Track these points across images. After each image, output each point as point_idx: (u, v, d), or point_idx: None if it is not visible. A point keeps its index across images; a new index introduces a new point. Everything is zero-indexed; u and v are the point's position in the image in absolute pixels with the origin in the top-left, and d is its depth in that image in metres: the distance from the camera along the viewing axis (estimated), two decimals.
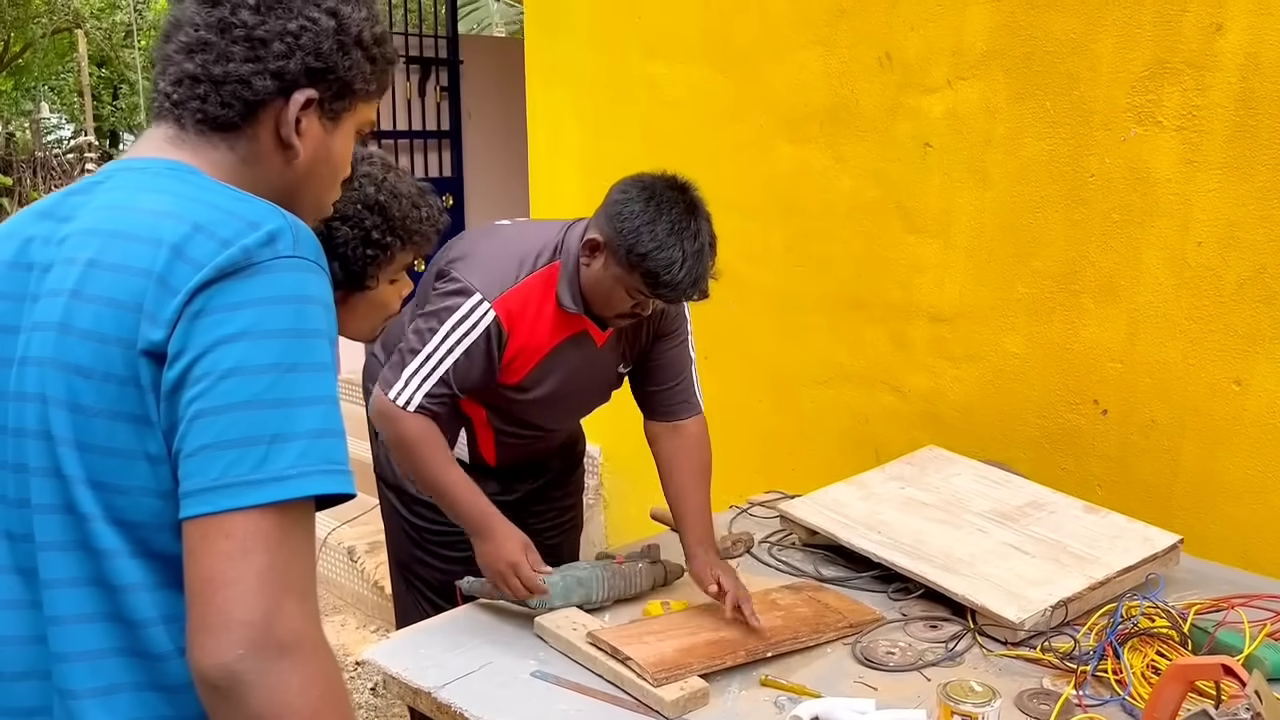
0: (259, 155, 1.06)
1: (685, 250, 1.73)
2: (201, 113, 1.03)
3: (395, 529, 2.17)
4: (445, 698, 1.53)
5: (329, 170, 1.12)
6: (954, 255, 2.56)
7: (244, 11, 1.02)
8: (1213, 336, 2.18)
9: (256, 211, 0.95)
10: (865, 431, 2.79)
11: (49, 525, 0.95)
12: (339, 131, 1.10)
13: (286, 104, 1.04)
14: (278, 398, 0.89)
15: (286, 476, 0.88)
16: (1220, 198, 2.14)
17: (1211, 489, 2.22)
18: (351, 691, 3.24)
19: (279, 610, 0.86)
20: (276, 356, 0.90)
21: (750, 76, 2.88)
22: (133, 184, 1.00)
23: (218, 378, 0.88)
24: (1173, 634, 1.58)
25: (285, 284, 0.92)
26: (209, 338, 0.89)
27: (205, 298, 0.90)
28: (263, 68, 1.02)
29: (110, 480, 0.93)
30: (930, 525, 1.97)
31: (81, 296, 0.93)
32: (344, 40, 1.06)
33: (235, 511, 0.87)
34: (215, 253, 0.91)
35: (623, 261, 1.76)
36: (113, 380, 0.92)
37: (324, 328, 0.95)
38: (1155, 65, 2.19)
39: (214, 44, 1.02)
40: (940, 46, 2.50)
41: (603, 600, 1.80)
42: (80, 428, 0.93)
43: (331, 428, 0.92)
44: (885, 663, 1.63)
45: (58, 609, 0.95)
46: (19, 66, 16.22)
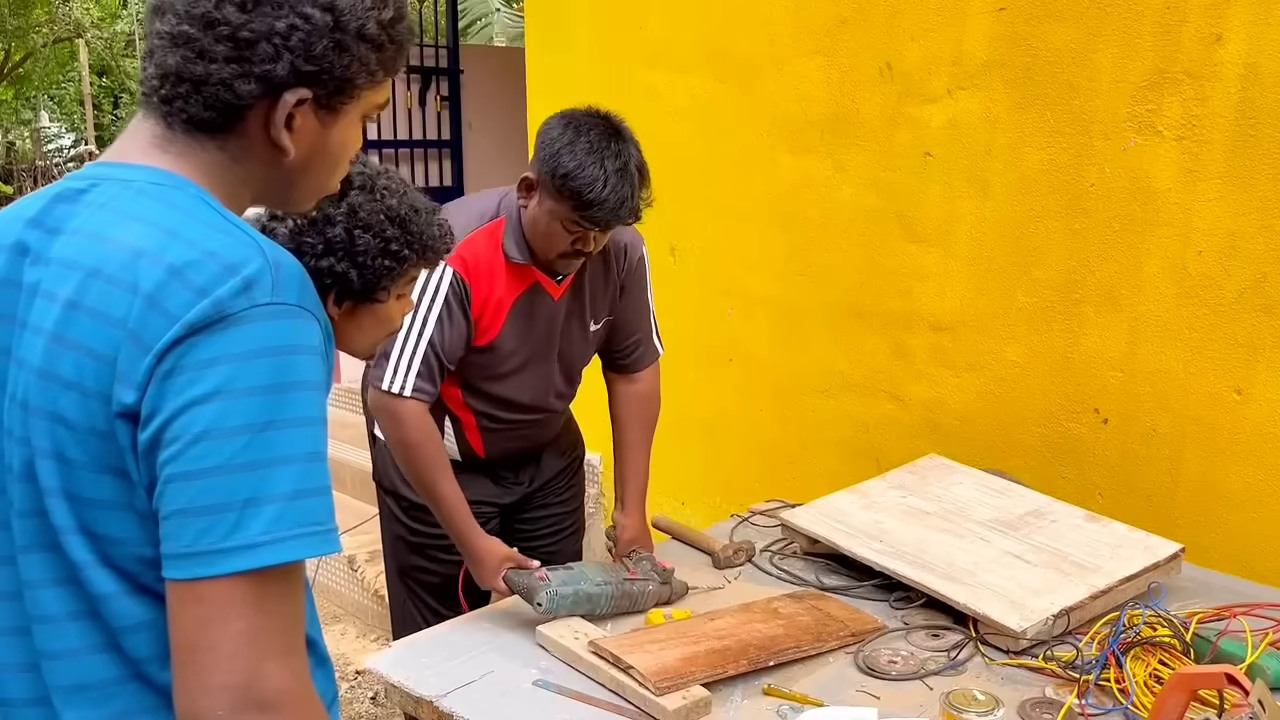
0: (250, 153, 0.99)
1: (606, 169, 1.76)
2: (186, 114, 0.96)
3: (393, 535, 2.17)
4: (447, 706, 1.53)
5: (328, 161, 1.05)
6: (955, 264, 2.56)
7: (229, 7, 0.93)
8: (1213, 345, 2.19)
9: (237, 252, 0.89)
10: (866, 440, 2.79)
11: (37, 563, 0.94)
12: (340, 122, 1.02)
13: (275, 105, 0.96)
14: (250, 460, 0.85)
15: (259, 544, 0.85)
16: (1220, 207, 2.14)
17: (1213, 498, 2.22)
18: (352, 701, 3.23)
19: (258, 673, 0.85)
20: (250, 416, 0.85)
21: (751, 86, 2.89)
22: (116, 204, 0.94)
23: (189, 442, 0.85)
24: (1175, 643, 1.58)
25: (262, 335, 0.87)
26: (180, 399, 0.85)
27: (176, 356, 0.86)
28: (246, 71, 0.94)
29: (100, 530, 0.91)
30: (932, 534, 1.97)
31: (63, 342, 0.90)
32: (342, 38, 0.96)
33: (207, 580, 0.84)
34: (189, 304, 0.86)
35: (550, 189, 1.79)
36: (95, 435, 0.89)
37: (307, 378, 0.89)
38: (1155, 75, 2.19)
39: (196, 40, 0.93)
40: (940, 57, 2.51)
41: (604, 613, 1.80)
42: (67, 478, 0.91)
43: (311, 486, 0.88)
44: (887, 671, 1.62)
45: (49, 644, 0.94)
46: (20, 76, 16.25)
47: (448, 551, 2.04)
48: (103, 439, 0.88)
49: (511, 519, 2.20)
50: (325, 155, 1.03)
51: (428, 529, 2.07)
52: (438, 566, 2.09)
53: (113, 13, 16.70)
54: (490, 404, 2.01)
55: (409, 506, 2.09)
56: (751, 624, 1.71)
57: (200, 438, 0.85)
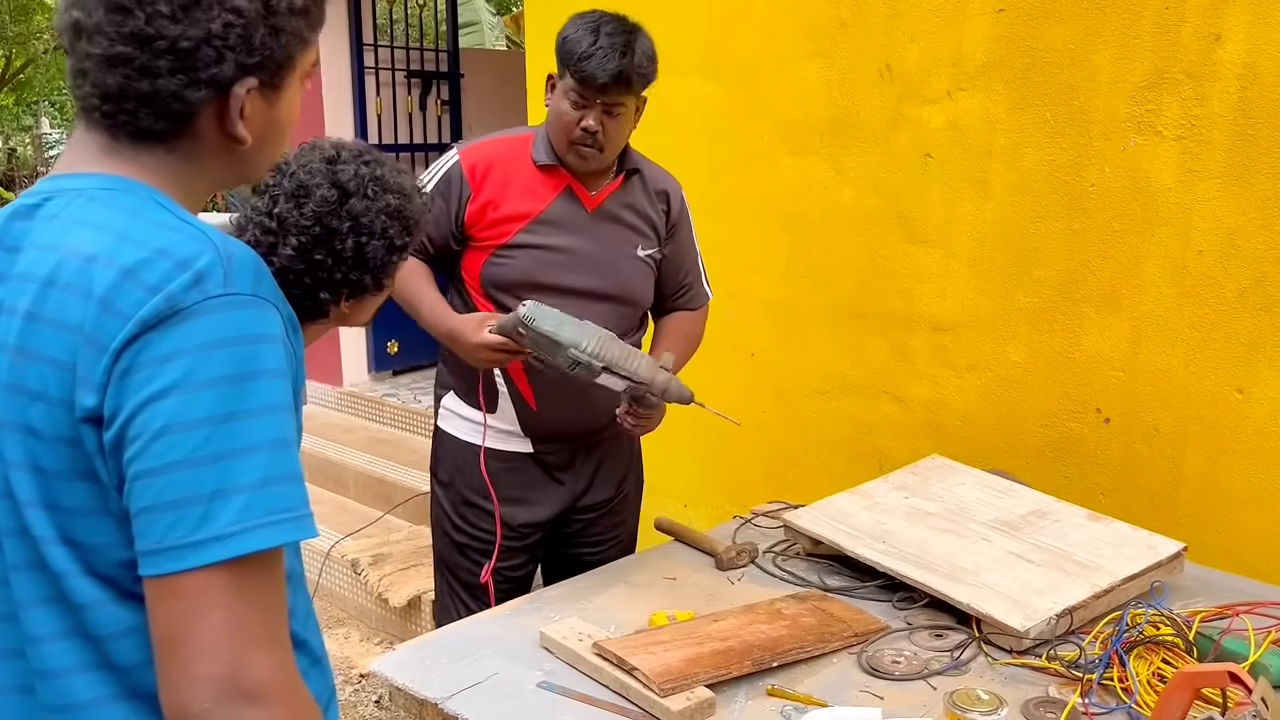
0: (202, 149, 0.98)
1: (601, 32, 1.88)
2: (133, 126, 0.94)
3: (440, 527, 2.21)
4: (452, 709, 1.53)
5: (279, 133, 1.03)
6: (955, 265, 2.56)
7: (161, 20, 0.91)
8: (1214, 345, 2.19)
9: (187, 247, 0.89)
10: (868, 441, 2.79)
11: (24, 582, 0.94)
12: (284, 96, 1.01)
13: (226, 101, 0.95)
14: (213, 452, 0.85)
15: (228, 534, 0.84)
16: (1220, 206, 2.15)
17: (1215, 497, 2.22)
18: (356, 704, 3.23)
19: (243, 662, 0.85)
20: (211, 408, 0.85)
21: (751, 89, 2.89)
22: (67, 213, 0.93)
23: (150, 438, 0.85)
24: (1178, 642, 1.58)
25: (218, 327, 0.87)
26: (140, 396, 0.85)
27: (132, 354, 0.85)
28: (193, 79, 0.92)
29: (79, 538, 0.91)
30: (934, 534, 1.97)
31: (26, 354, 0.90)
32: (275, 21, 0.95)
33: (181, 574, 0.84)
34: (141, 301, 0.86)
35: (561, 70, 1.93)
36: (64, 442, 0.89)
37: (268, 366, 0.89)
38: (1154, 75, 2.20)
39: (134, 58, 0.91)
40: (940, 58, 2.51)
41: (590, 356, 1.74)
42: (44, 489, 0.91)
43: (279, 473, 0.87)
44: (891, 672, 1.63)
45: (45, 663, 0.94)
46: (20, 82, 16.27)
47: (484, 554, 2.11)
48: (71, 446, 0.89)
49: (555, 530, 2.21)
50: (276, 128, 1.02)
51: (470, 529, 2.14)
52: (474, 567, 2.14)
53: None
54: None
55: (459, 503, 2.14)
56: (755, 625, 1.71)
57: (161, 433, 0.85)
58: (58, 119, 17.50)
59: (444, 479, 2.18)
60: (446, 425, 2.19)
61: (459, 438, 2.15)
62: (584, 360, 1.74)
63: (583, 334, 1.75)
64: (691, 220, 2.19)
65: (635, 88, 1.92)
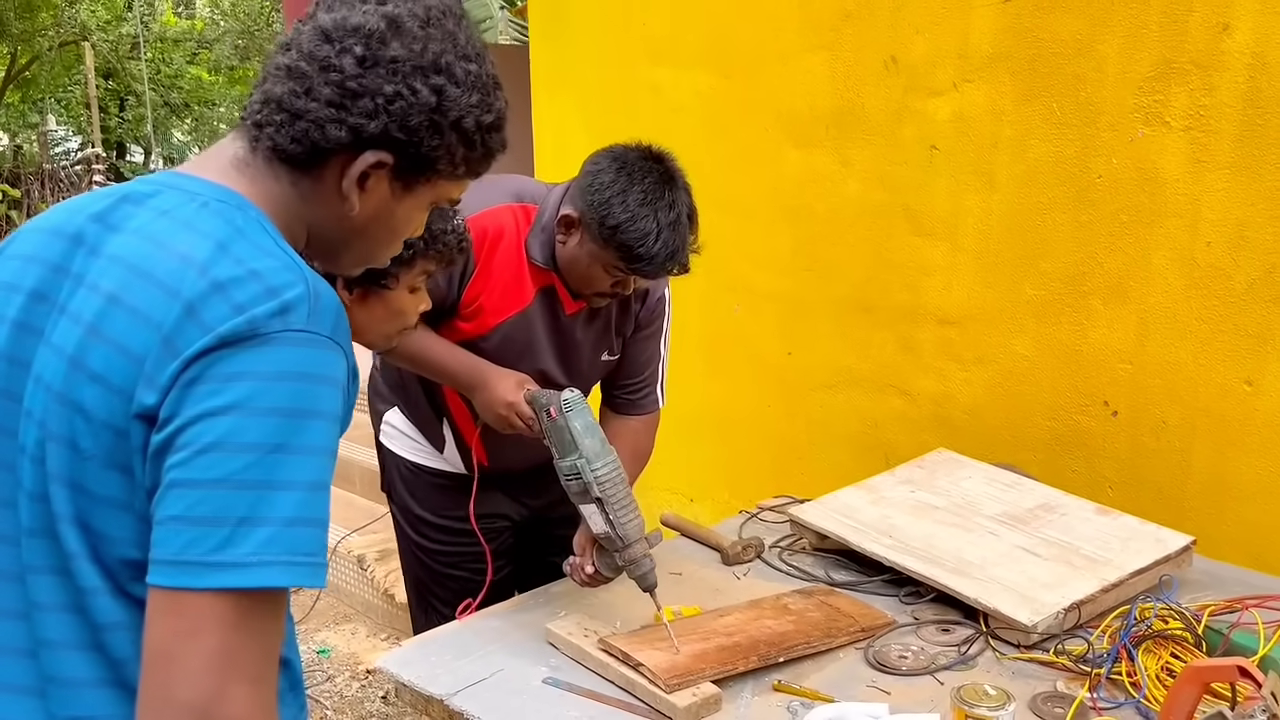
0: (318, 196, 1.02)
1: (660, 221, 1.68)
2: (272, 141, 1.00)
3: (404, 547, 2.15)
4: (457, 705, 1.53)
5: (386, 232, 1.08)
6: (962, 258, 2.55)
7: (348, 58, 0.98)
8: (1223, 337, 2.17)
9: (280, 276, 0.92)
10: (874, 435, 2.78)
11: (36, 549, 0.95)
12: (409, 199, 1.05)
13: (355, 159, 1.00)
14: (255, 479, 0.85)
15: (245, 564, 0.84)
16: (1229, 198, 2.13)
17: (1223, 490, 2.21)
18: (363, 700, 3.24)
19: (222, 694, 0.84)
20: (263, 436, 0.86)
21: (755, 81, 2.88)
22: (177, 213, 0.97)
23: (198, 450, 0.85)
24: (1187, 636, 1.57)
25: (289, 359, 0.88)
26: (199, 408, 0.86)
27: (202, 365, 0.87)
28: (341, 118, 0.98)
29: (95, 525, 0.92)
30: (941, 529, 1.96)
31: (97, 334, 0.91)
32: (439, 121, 1.00)
33: (189, 590, 0.84)
34: (225, 318, 0.88)
35: (597, 236, 1.72)
36: (109, 430, 0.90)
37: (325, 408, 0.90)
38: (1162, 66, 2.18)
39: (308, 76, 0.98)
40: (945, 49, 2.50)
41: (594, 480, 1.60)
42: (74, 468, 0.92)
43: (309, 516, 0.88)
44: (898, 667, 1.62)
45: (46, 632, 0.95)
46: (26, 79, 16.30)
47: (459, 567, 2.03)
48: (117, 435, 0.89)
49: (529, 538, 2.16)
50: (385, 225, 1.06)
51: (440, 547, 2.07)
52: (454, 584, 2.06)
53: (118, 15, 16.74)
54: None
55: (418, 522, 2.08)
56: (761, 620, 1.71)
57: (210, 448, 0.85)
58: (63, 116, 17.55)
59: (398, 500, 2.10)
60: (392, 444, 2.09)
61: (406, 457, 2.08)
62: (586, 478, 1.60)
63: (602, 455, 1.61)
64: (668, 325, 2.04)
65: (688, 265, 1.78)
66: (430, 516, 2.07)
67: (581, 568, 1.76)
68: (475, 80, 1.03)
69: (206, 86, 17.96)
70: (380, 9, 1.00)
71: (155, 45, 17.11)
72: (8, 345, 0.97)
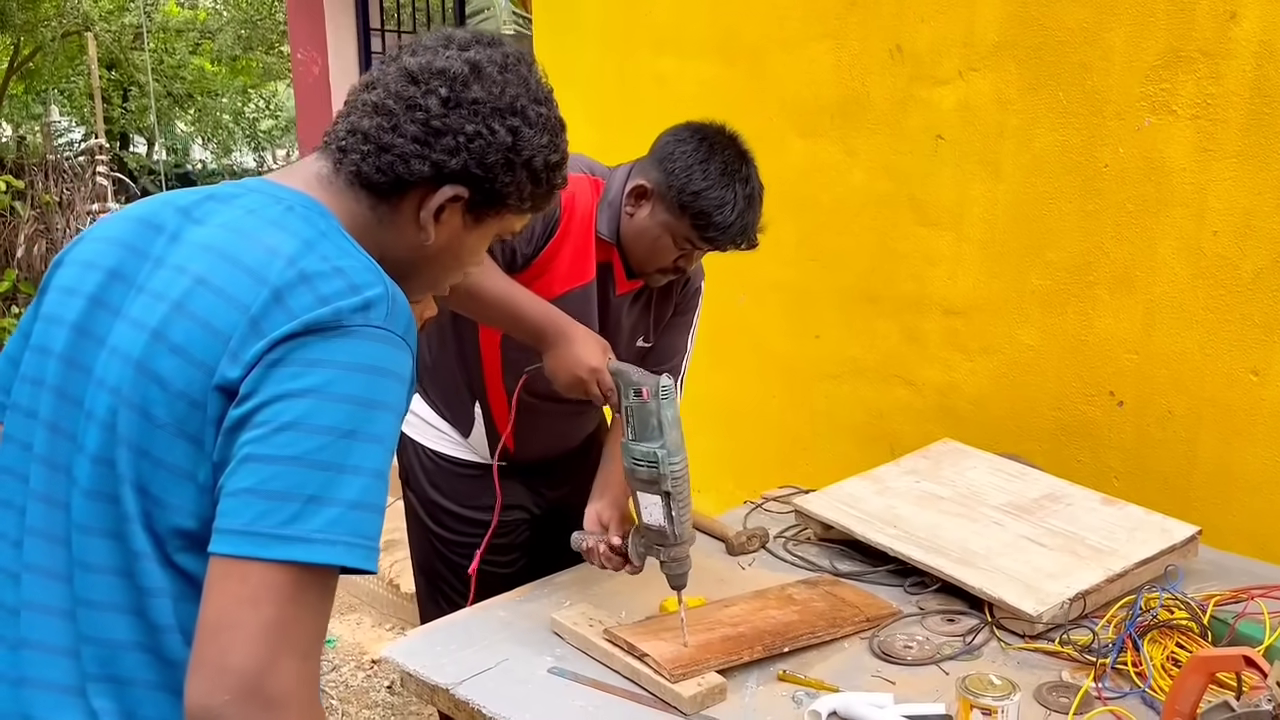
0: (394, 224, 1.09)
1: (737, 192, 1.73)
2: (356, 167, 1.07)
3: (419, 537, 2.13)
4: (462, 694, 1.53)
5: (454, 260, 1.16)
6: (967, 248, 2.55)
7: (434, 99, 1.06)
8: (1229, 326, 2.17)
9: (362, 275, 0.98)
10: (879, 426, 2.78)
11: (91, 510, 0.98)
12: (478, 230, 1.14)
13: (434, 192, 1.08)
14: (327, 460, 0.90)
15: (311, 539, 0.88)
16: (1236, 186, 2.12)
17: (1229, 480, 2.20)
18: (368, 689, 3.25)
19: (275, 665, 0.86)
20: (338, 420, 0.91)
21: (760, 71, 2.87)
22: (264, 211, 1.03)
23: (276, 427, 0.90)
24: (1192, 626, 1.57)
25: (366, 352, 0.94)
26: (280, 388, 0.91)
27: (287, 348, 0.92)
28: (425, 154, 1.06)
29: (154, 491, 0.96)
30: (946, 519, 1.96)
31: (182, 310, 0.97)
32: (513, 159, 1.09)
33: (255, 560, 0.88)
34: (311, 307, 0.94)
35: (673, 205, 1.74)
36: (185, 400, 0.95)
37: (394, 402, 0.96)
38: (1169, 54, 2.17)
39: (395, 114, 1.06)
40: (951, 38, 2.49)
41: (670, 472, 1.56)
42: (144, 434, 0.96)
43: (371, 502, 0.92)
44: (903, 657, 1.62)
45: (88, 593, 0.98)
46: (29, 70, 16.28)
47: (468, 556, 2.01)
48: (192, 406, 0.94)
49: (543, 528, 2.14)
50: (454, 255, 1.15)
51: (456, 537, 2.05)
52: (466, 573, 2.03)
53: (120, 5, 16.71)
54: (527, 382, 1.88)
55: (437, 510, 2.07)
56: (766, 610, 1.71)
57: (288, 426, 0.90)
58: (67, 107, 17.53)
59: (416, 488, 2.08)
60: (413, 433, 2.06)
61: (428, 446, 2.05)
62: (661, 470, 1.55)
63: (681, 450, 1.57)
64: (698, 319, 2.05)
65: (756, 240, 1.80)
66: (453, 506, 2.06)
67: (598, 548, 1.75)
68: (546, 122, 1.12)
69: (210, 77, 17.94)
70: (463, 54, 1.09)
71: (158, 36, 17.07)
72: (82, 319, 1.03)
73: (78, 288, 1.05)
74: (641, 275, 1.88)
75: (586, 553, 1.79)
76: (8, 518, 1.06)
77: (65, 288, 1.07)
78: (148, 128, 17.29)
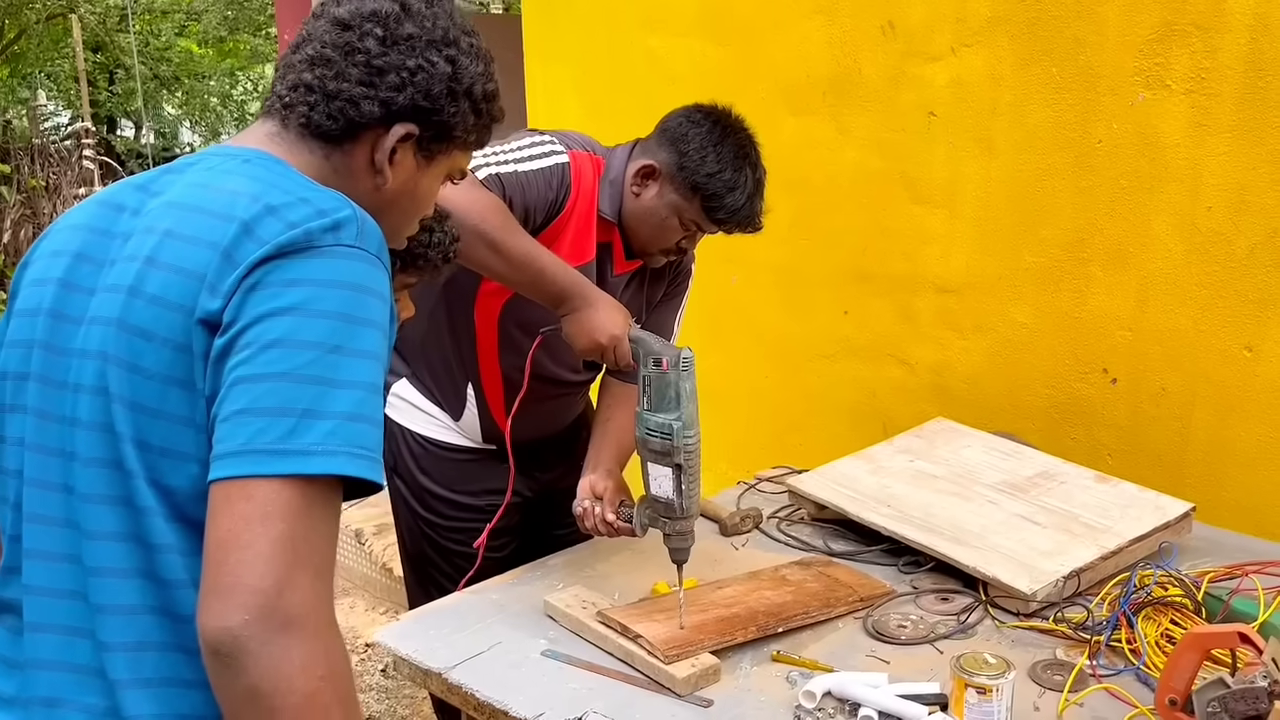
0: (349, 170, 1.11)
1: (748, 176, 1.75)
2: (305, 118, 1.08)
3: (408, 523, 2.11)
4: (456, 678, 1.52)
5: (411, 204, 1.17)
6: (960, 225, 2.53)
7: (370, 40, 1.08)
8: (1223, 303, 2.16)
9: (328, 200, 0.99)
10: (873, 405, 2.77)
11: (94, 478, 0.97)
12: (430, 170, 1.15)
13: (386, 132, 1.09)
14: (316, 375, 0.90)
15: (310, 451, 0.88)
16: (1230, 162, 2.11)
17: (1223, 456, 2.20)
18: (362, 674, 3.25)
19: (290, 581, 0.86)
20: (323, 335, 0.92)
21: (751, 48, 2.85)
22: (221, 167, 1.05)
23: (262, 347, 0.90)
24: (1186, 602, 1.57)
25: (342, 270, 0.95)
26: (261, 309, 0.92)
27: (263, 272, 0.93)
28: (373, 94, 1.07)
29: (155, 442, 0.96)
30: (940, 498, 1.95)
31: (154, 264, 0.97)
32: (455, 88, 1.11)
33: (258, 478, 0.87)
34: (281, 232, 0.95)
35: (683, 187, 1.75)
36: (170, 346, 0.95)
37: (376, 318, 0.96)
38: (1163, 28, 2.15)
39: (335, 62, 1.08)
40: (943, 14, 2.46)
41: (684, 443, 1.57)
42: (136, 388, 0.96)
43: (366, 414, 0.92)
44: (897, 636, 1.62)
45: (98, 561, 0.97)
46: (14, 54, 16.13)
47: (465, 544, 2.00)
48: (176, 350, 0.95)
49: (533, 512, 2.14)
50: (411, 198, 1.16)
51: (445, 521, 2.04)
52: (458, 559, 2.03)
53: None
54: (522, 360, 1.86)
55: (425, 495, 2.05)
56: (760, 591, 1.71)
57: (273, 344, 0.90)
58: (53, 90, 17.39)
59: (402, 473, 2.05)
60: (400, 417, 2.03)
61: (416, 431, 2.03)
62: (675, 442, 1.55)
63: (695, 424, 1.57)
64: (685, 302, 2.07)
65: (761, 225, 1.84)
66: (444, 492, 2.04)
67: (604, 516, 1.75)
68: (477, 51, 1.14)
69: (197, 59, 17.80)
70: None
71: (143, 17, 16.92)
72: (55, 304, 1.03)
73: (47, 276, 1.06)
74: (642, 256, 1.88)
75: (582, 515, 1.80)
76: (5, 515, 1.05)
77: (35, 280, 1.07)
78: (135, 111, 17.17)
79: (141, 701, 0.98)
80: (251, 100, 19.79)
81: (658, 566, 1.86)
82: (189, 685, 0.98)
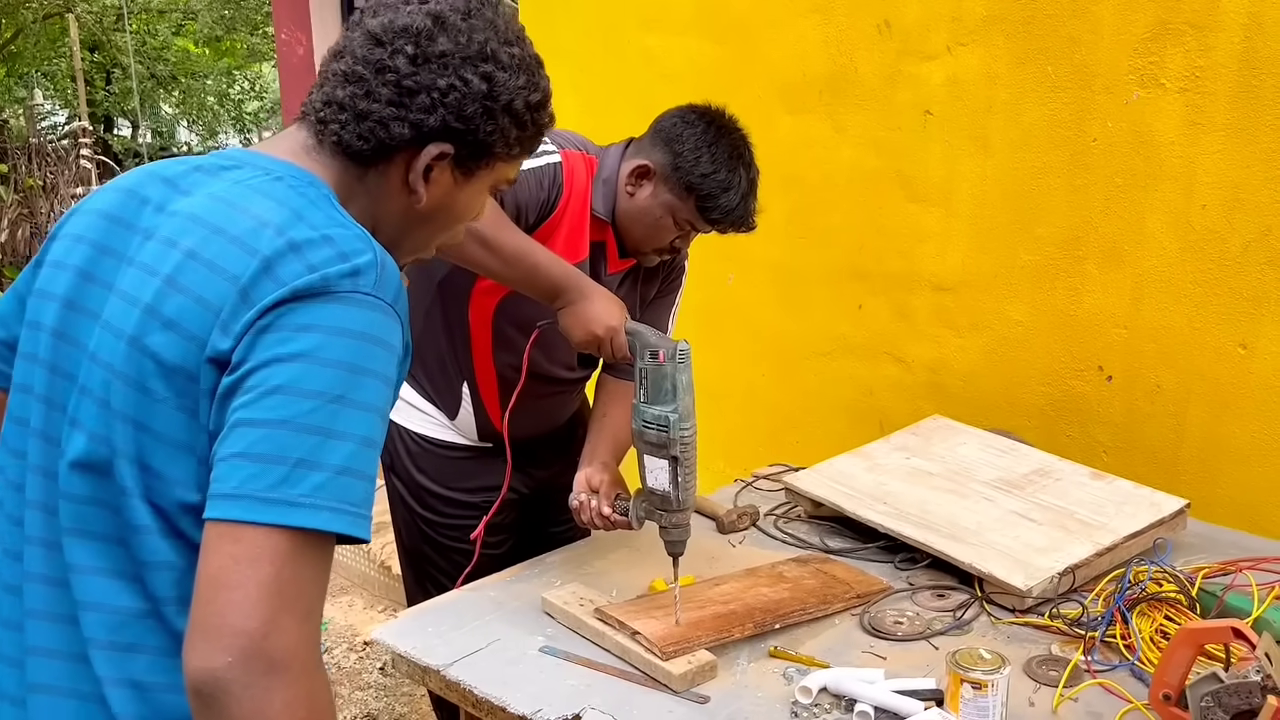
0: (383, 189, 1.08)
1: (743, 176, 1.75)
2: (337, 137, 1.06)
3: (405, 521, 2.11)
4: (454, 675, 1.53)
5: (449, 218, 1.14)
6: (956, 224, 2.54)
7: (401, 58, 1.04)
8: (1218, 300, 2.17)
9: (351, 243, 0.98)
10: (869, 403, 2.78)
11: (74, 480, 0.98)
12: (470, 185, 1.12)
13: (419, 153, 1.06)
14: (315, 425, 0.90)
15: (298, 503, 0.88)
16: (1224, 160, 2.12)
17: (1217, 453, 2.21)
18: (360, 671, 3.25)
19: (275, 625, 0.85)
20: (326, 385, 0.91)
21: (747, 47, 2.85)
22: (251, 182, 1.03)
23: (265, 391, 0.90)
24: (1181, 598, 1.58)
25: (355, 318, 0.94)
26: (269, 353, 0.91)
27: (275, 315, 0.93)
28: (403, 115, 1.04)
29: (154, 465, 0.96)
30: (936, 495, 1.96)
31: (174, 285, 0.96)
32: (491, 106, 1.07)
33: (247, 524, 0.87)
34: (299, 275, 0.94)
35: (677, 186, 1.76)
36: (181, 374, 0.95)
37: (382, 370, 0.95)
38: (1157, 26, 2.16)
39: (366, 80, 1.05)
40: (939, 12, 2.47)
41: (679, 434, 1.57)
42: (142, 409, 0.96)
43: (359, 469, 0.92)
44: (893, 632, 1.62)
45: (80, 560, 0.98)
46: (11, 53, 16.10)
47: (464, 540, 2.00)
48: (188, 379, 0.95)
49: (529, 509, 2.14)
50: (448, 212, 1.13)
51: (442, 519, 2.04)
52: (457, 556, 2.02)
53: None
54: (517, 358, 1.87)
55: (423, 493, 2.05)
56: (756, 588, 1.71)
57: (276, 390, 0.90)
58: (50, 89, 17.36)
59: (400, 471, 2.06)
60: (396, 416, 2.03)
61: (412, 430, 2.03)
62: (671, 434, 1.55)
63: (692, 416, 1.57)
64: (679, 299, 2.07)
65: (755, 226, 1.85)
66: (440, 489, 2.04)
67: (600, 509, 1.76)
68: (520, 62, 1.09)
69: (193, 58, 17.78)
70: (424, 7, 1.06)
71: (140, 17, 16.90)
72: (71, 293, 1.03)
73: (66, 261, 1.05)
74: (636, 255, 1.88)
75: (578, 508, 1.81)
76: (8, 495, 1.06)
77: (56, 261, 1.07)
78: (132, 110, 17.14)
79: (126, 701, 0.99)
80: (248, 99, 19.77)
81: (655, 563, 1.86)
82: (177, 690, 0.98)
